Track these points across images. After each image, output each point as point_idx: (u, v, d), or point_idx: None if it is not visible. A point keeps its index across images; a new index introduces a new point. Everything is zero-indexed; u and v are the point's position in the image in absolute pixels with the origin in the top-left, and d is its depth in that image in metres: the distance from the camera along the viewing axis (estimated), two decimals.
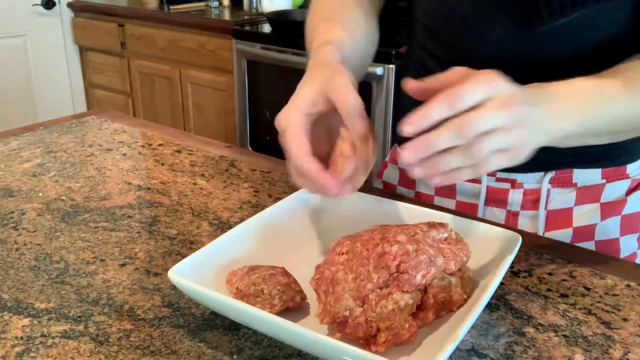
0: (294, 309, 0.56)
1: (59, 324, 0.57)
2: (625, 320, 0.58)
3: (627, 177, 0.80)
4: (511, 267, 0.66)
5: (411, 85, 0.53)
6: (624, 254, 0.82)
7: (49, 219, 0.77)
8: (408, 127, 0.49)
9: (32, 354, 0.53)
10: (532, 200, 0.80)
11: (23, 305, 0.60)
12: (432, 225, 0.58)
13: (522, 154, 0.52)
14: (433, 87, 0.52)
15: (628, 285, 0.63)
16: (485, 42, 0.74)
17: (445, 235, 0.58)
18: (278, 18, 2.45)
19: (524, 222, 0.81)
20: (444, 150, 0.50)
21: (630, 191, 0.81)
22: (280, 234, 0.66)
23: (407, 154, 0.49)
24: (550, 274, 0.65)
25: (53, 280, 0.64)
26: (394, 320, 0.50)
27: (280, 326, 0.48)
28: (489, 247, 0.60)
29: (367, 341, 0.50)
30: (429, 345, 0.52)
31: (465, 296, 0.55)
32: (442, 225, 0.58)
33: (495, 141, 0.50)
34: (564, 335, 0.55)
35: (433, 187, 0.87)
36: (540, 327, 0.56)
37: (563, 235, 0.81)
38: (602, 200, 0.80)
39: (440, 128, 0.49)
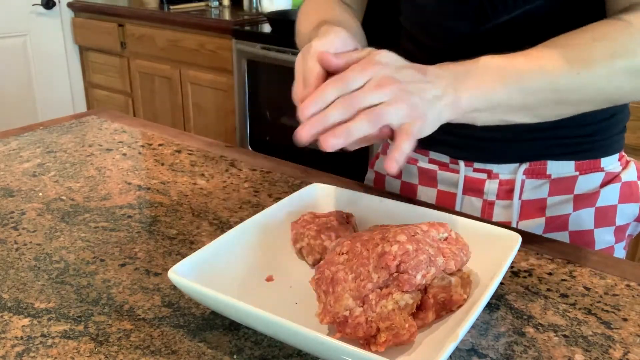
0: None
1: (59, 324, 0.57)
2: (625, 320, 0.58)
3: (602, 170, 0.82)
4: (511, 267, 0.66)
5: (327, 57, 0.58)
6: (599, 246, 0.83)
7: (49, 219, 0.77)
8: (308, 105, 0.54)
9: (32, 354, 0.53)
10: (506, 190, 0.83)
11: (23, 305, 0.60)
12: (432, 225, 0.58)
13: (422, 122, 0.55)
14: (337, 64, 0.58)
15: (628, 285, 0.63)
16: (451, 39, 0.79)
17: (445, 235, 0.58)
18: (278, 18, 2.45)
19: (499, 211, 0.84)
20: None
21: (604, 184, 0.82)
22: (280, 234, 0.66)
23: (305, 132, 0.54)
24: (550, 274, 0.65)
25: (53, 280, 0.64)
26: (394, 320, 0.50)
27: (280, 326, 0.48)
28: (489, 247, 0.60)
29: (367, 341, 0.50)
30: (429, 345, 0.52)
31: (465, 296, 0.55)
32: (442, 225, 0.58)
33: (372, 99, 0.54)
34: (564, 335, 0.55)
35: (417, 177, 0.90)
36: (540, 327, 0.56)
37: (536, 224, 0.83)
38: (575, 192, 0.82)
39: (331, 106, 0.54)
